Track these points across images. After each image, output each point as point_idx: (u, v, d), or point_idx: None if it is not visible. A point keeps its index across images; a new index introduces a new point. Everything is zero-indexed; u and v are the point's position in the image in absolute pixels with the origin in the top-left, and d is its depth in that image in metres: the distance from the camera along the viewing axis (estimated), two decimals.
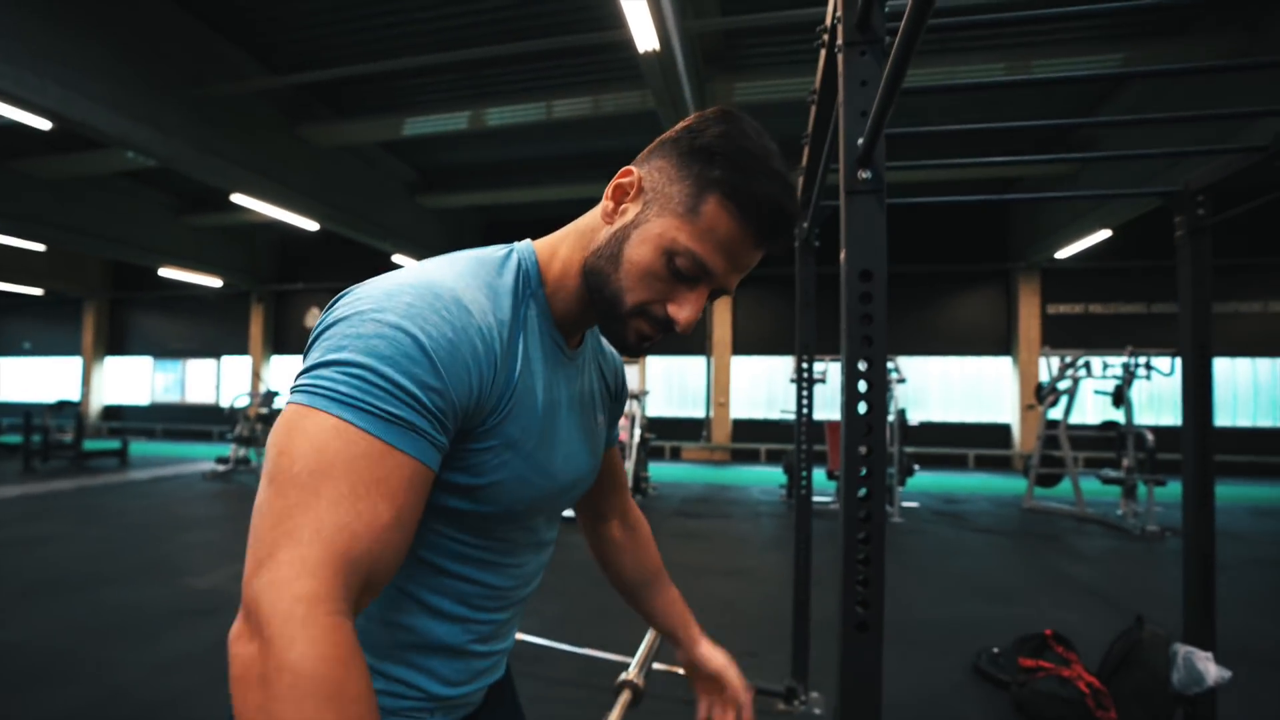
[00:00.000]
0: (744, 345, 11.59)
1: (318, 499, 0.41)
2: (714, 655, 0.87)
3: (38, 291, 12.67)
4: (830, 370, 6.76)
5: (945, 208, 10.57)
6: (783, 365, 11.33)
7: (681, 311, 0.58)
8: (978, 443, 10.70)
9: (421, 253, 10.02)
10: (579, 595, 3.55)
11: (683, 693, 2.41)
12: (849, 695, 0.97)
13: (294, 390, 0.46)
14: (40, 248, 10.44)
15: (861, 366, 0.99)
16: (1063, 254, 9.23)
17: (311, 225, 8.31)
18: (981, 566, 4.34)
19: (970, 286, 10.80)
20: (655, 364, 12.15)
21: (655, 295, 0.58)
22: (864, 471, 0.98)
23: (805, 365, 2.43)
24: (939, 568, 4.32)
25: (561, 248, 0.64)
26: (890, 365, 6.37)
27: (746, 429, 11.38)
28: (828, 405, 11.39)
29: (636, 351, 0.63)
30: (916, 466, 6.58)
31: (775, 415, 10.70)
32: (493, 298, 0.56)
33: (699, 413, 11.97)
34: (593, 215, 0.64)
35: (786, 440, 6.38)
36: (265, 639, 0.37)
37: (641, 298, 0.58)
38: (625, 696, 1.18)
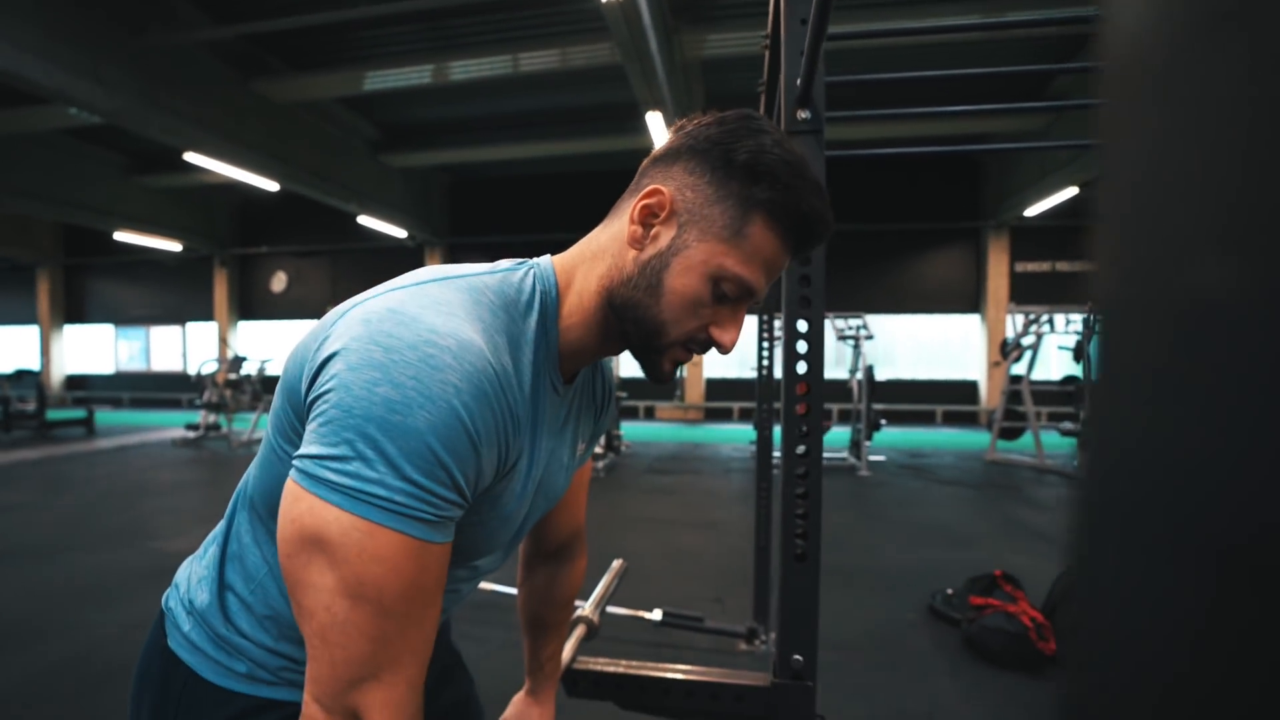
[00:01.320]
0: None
1: (408, 624, 0.45)
2: (537, 711, 0.93)
3: None
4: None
5: (920, 167, 10.58)
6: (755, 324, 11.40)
7: (726, 334, 0.56)
8: (945, 399, 10.98)
9: (388, 213, 9.75)
10: None
11: (637, 633, 2.51)
12: (788, 617, 1.03)
13: (346, 488, 0.43)
14: None
15: (801, 326, 1.02)
16: (1031, 211, 9.33)
17: (271, 185, 8.01)
18: (943, 516, 4.51)
19: (941, 245, 10.90)
20: None
21: (702, 322, 0.55)
22: (803, 429, 1.02)
23: (766, 320, 2.46)
24: (902, 517, 4.48)
25: (576, 276, 0.59)
26: (858, 322, 6.45)
27: (720, 388, 11.51)
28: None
29: (668, 380, 0.60)
30: (883, 421, 6.74)
31: (749, 374, 10.82)
32: (516, 353, 0.53)
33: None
34: (608, 239, 0.59)
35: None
36: None
37: (689, 328, 0.55)
38: (580, 630, 1.22)
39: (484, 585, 2.90)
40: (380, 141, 9.29)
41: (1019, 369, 6.81)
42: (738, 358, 11.54)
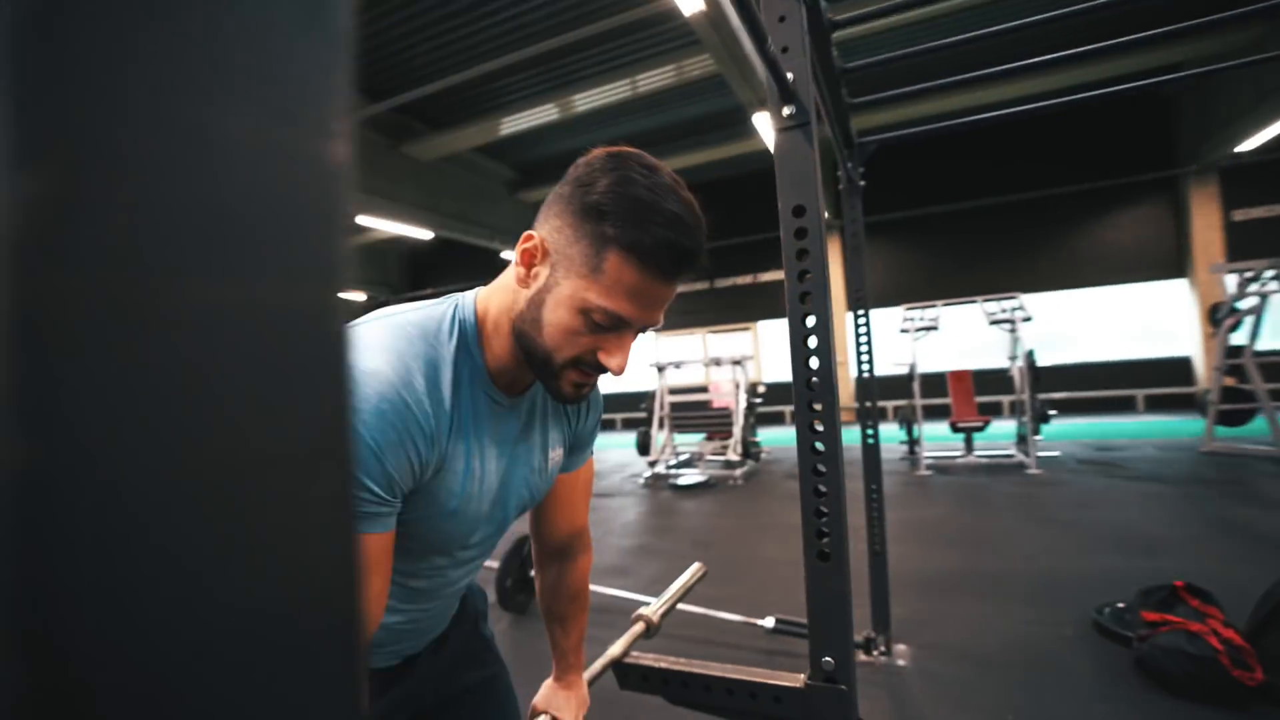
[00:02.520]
0: (860, 299, 10.99)
1: None
2: (563, 695, 0.97)
3: None
4: (942, 316, 6.24)
5: (1087, 120, 9.22)
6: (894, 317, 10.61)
7: (612, 359, 0.62)
8: (1147, 381, 9.34)
9: None
10: (678, 558, 3.68)
11: (751, 640, 2.46)
12: (816, 617, 0.99)
13: None
14: None
15: (809, 322, 0.99)
16: (1247, 146, 7.68)
17: (426, 234, 9.09)
18: (1128, 517, 3.86)
19: (1123, 204, 9.36)
20: (767, 327, 11.90)
21: (583, 349, 0.62)
22: (818, 426, 0.99)
23: (860, 314, 2.32)
24: (1074, 520, 3.90)
25: (492, 305, 0.68)
26: (1013, 303, 5.76)
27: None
28: (944, 355, 10.55)
29: (575, 400, 0.67)
30: (1053, 412, 5.91)
31: (896, 370, 10.08)
32: (435, 374, 0.62)
33: None
34: (511, 276, 0.67)
35: (908, 394, 6.02)
36: None
37: (570, 354, 0.62)
38: (638, 628, 1.26)
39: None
40: (516, 180, 10.16)
41: (1239, 338, 5.62)
42: (886, 353, 10.80)
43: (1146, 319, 9.47)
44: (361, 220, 8.05)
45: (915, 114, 7.83)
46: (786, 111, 0.97)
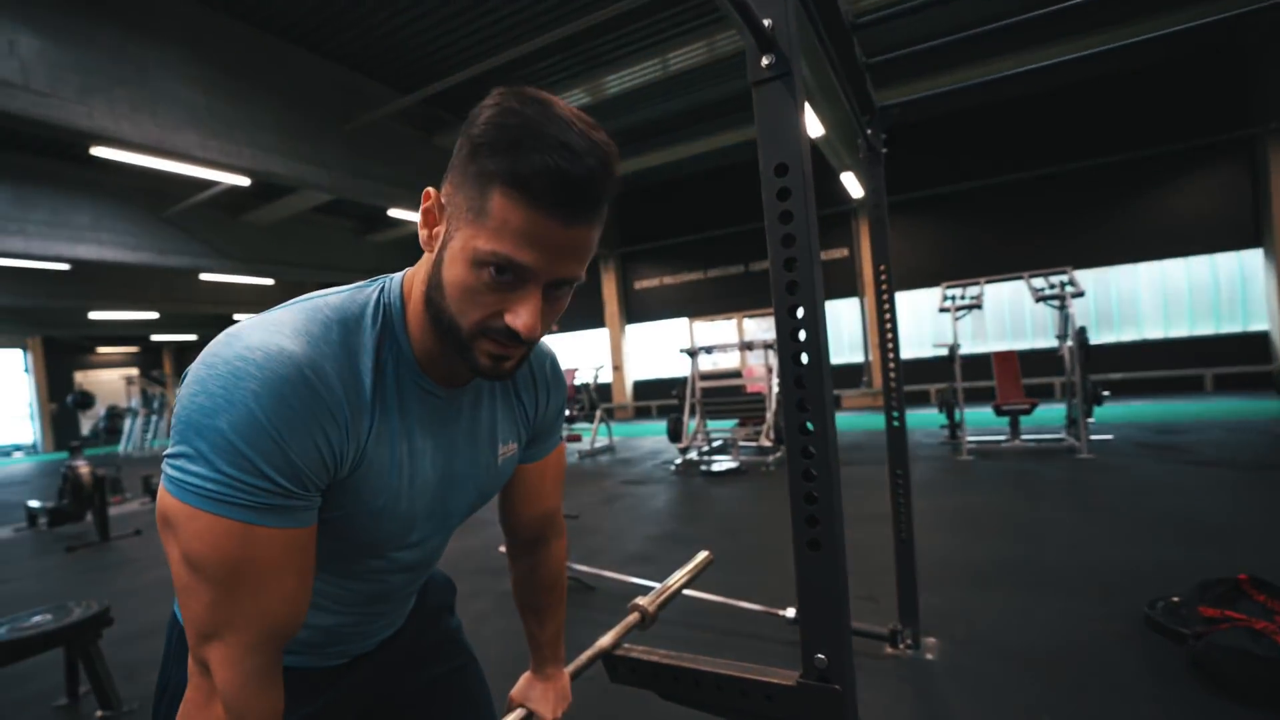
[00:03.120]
0: (900, 279, 10.61)
1: (239, 594, 0.51)
2: (540, 688, 0.94)
3: None
4: (986, 293, 5.95)
5: (1146, 80, 8.61)
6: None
7: (518, 319, 0.54)
8: (1217, 360, 8.74)
9: None
10: (705, 545, 3.62)
11: (773, 630, 2.38)
12: (807, 607, 0.92)
13: (176, 479, 0.50)
14: (270, 282, 12.81)
15: (799, 321, 0.91)
16: None
17: None
18: (1188, 505, 3.60)
19: (1188, 170, 8.72)
20: None
21: (488, 310, 0.55)
22: (805, 403, 0.91)
23: (884, 288, 2.20)
24: (1127, 507, 3.67)
25: (415, 284, 0.62)
26: (1062, 278, 5.43)
27: (911, 370, 10.46)
28: (985, 334, 10.11)
29: (496, 374, 0.59)
30: (1106, 393, 5.58)
31: (939, 353, 9.71)
32: (349, 360, 0.57)
33: (858, 357, 11.29)
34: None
35: (949, 376, 5.77)
36: (226, 704, 0.51)
37: (475, 318, 0.55)
38: (632, 618, 1.21)
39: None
40: None
41: None
42: (930, 333, 10.44)
43: (1212, 292, 8.84)
44: (395, 213, 8.17)
45: (956, 82, 7.45)
46: (765, 62, 0.89)
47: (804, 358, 0.91)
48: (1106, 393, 5.67)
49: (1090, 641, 2.16)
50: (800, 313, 0.92)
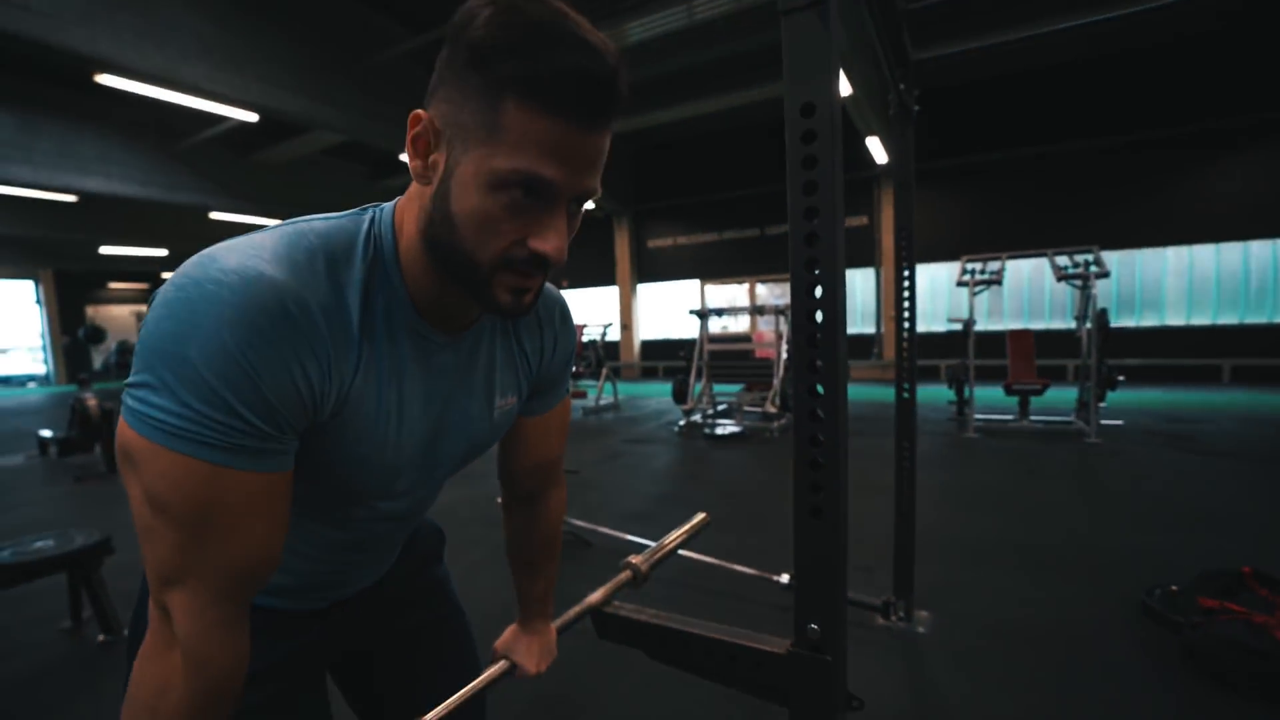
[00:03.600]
0: (918, 251, 10.38)
1: (205, 539, 0.47)
2: (526, 641, 0.91)
3: None
4: (1007, 270, 5.80)
5: (1209, 45, 8.19)
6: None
7: (547, 243, 0.49)
8: (1237, 351, 8.57)
9: None
10: (703, 507, 3.63)
11: (767, 595, 2.39)
12: (803, 575, 0.89)
13: (138, 412, 0.45)
14: (278, 223, 12.69)
15: (816, 278, 0.85)
16: None
17: None
18: (1194, 494, 3.56)
19: (1233, 149, 8.37)
20: None
21: (510, 238, 0.49)
22: (817, 362, 0.86)
23: (904, 256, 2.11)
24: (1134, 493, 3.63)
25: (405, 220, 0.55)
26: (1087, 257, 5.28)
27: (923, 343, 10.34)
28: (1002, 311, 9.95)
29: (518, 310, 0.53)
30: (1121, 378, 5.48)
31: (952, 328, 9.57)
32: (336, 294, 0.51)
33: (869, 328, 11.17)
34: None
35: (962, 352, 5.69)
36: (186, 653, 0.48)
37: (497, 249, 0.49)
38: (623, 575, 1.19)
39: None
40: None
41: None
42: (945, 308, 10.28)
43: (1243, 281, 8.60)
44: (405, 158, 8.01)
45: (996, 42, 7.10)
46: None
47: (819, 315, 0.85)
48: (1121, 378, 5.57)
49: (1085, 625, 2.15)
50: (818, 271, 0.86)
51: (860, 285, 11.16)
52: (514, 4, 0.45)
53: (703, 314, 6.74)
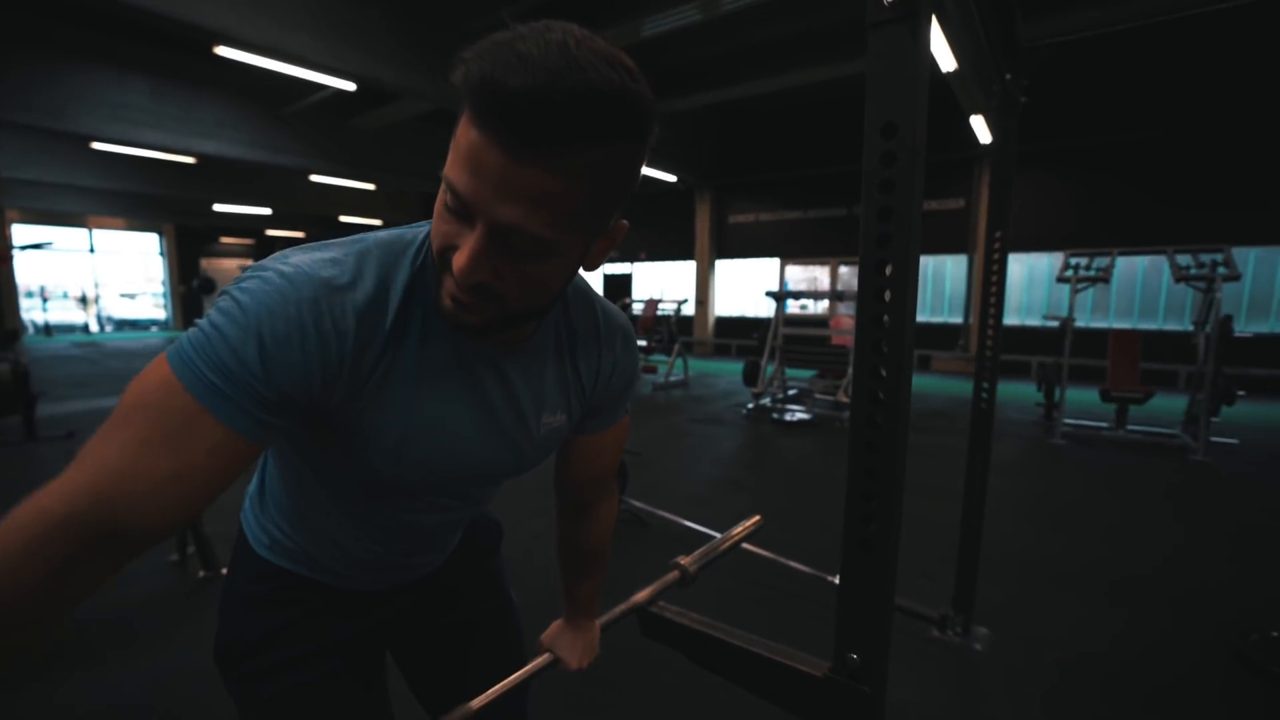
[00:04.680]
0: (1018, 240, 9.65)
1: (115, 436, 0.46)
2: (570, 636, 0.95)
3: (377, 222, 16.32)
4: (1118, 264, 5.32)
5: None
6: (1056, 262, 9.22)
7: (457, 256, 0.49)
8: None
9: (654, 160, 10.27)
10: (764, 496, 3.62)
11: (820, 594, 2.37)
12: (847, 605, 0.89)
13: (179, 349, 0.50)
14: (371, 187, 13.31)
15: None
16: None
17: None
18: None
19: None
20: None
21: (443, 241, 0.51)
22: (879, 394, 0.84)
23: (997, 255, 1.98)
24: (1239, 522, 3.32)
25: None
26: (1216, 257, 4.75)
27: (1014, 337, 9.69)
28: (1108, 308, 9.12)
29: (457, 324, 0.54)
30: (1241, 393, 4.95)
31: (1049, 324, 8.89)
32: (378, 296, 0.54)
33: (957, 318, 10.56)
34: None
35: (1057, 350, 5.31)
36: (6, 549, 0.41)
37: (437, 248, 0.52)
38: (671, 575, 1.22)
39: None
40: (653, 90, 9.72)
41: None
42: (1040, 300, 9.56)
43: None
44: None
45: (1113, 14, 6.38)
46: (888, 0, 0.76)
47: (887, 340, 0.83)
48: (1241, 392, 5.03)
49: (1164, 665, 2.01)
50: (888, 295, 0.83)
51: (952, 272, 10.53)
52: (515, 26, 0.46)
53: (779, 296, 6.59)
